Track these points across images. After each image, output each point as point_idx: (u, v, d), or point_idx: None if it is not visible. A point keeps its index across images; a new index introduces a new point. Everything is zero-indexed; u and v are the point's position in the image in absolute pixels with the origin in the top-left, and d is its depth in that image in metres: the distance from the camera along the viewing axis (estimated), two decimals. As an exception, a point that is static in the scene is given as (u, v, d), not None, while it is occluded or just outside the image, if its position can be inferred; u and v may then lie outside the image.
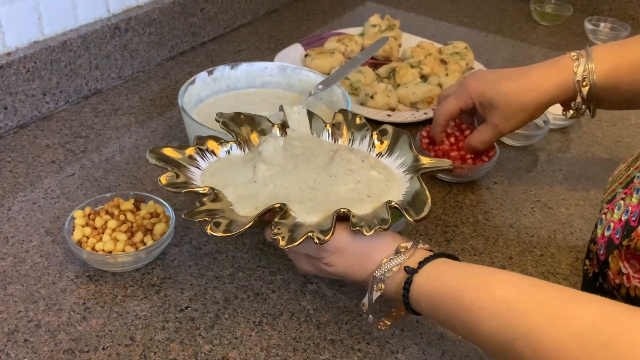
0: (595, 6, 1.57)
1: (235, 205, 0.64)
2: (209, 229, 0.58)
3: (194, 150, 0.70)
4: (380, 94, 1.05)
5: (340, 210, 0.61)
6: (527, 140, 1.01)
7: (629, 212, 0.61)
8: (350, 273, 0.63)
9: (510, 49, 1.35)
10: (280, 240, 0.58)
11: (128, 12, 1.09)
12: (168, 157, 0.68)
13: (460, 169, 0.88)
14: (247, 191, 0.66)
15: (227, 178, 0.67)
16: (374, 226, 0.59)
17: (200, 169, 0.69)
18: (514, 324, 0.51)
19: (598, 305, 0.50)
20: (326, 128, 0.77)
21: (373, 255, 0.62)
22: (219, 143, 0.72)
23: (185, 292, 0.70)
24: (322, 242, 0.58)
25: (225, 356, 0.64)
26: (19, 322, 0.66)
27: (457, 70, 1.13)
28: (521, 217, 0.86)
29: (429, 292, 0.58)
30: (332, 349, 0.65)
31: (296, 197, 0.65)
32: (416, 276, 0.59)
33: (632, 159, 0.69)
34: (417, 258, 0.60)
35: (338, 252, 0.62)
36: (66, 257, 0.74)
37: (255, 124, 0.75)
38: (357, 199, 0.65)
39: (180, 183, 0.64)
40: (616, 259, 0.61)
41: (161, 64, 1.17)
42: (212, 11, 1.26)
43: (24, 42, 0.95)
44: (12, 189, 0.84)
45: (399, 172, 0.71)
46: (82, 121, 0.99)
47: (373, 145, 0.75)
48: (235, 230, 0.58)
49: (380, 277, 0.61)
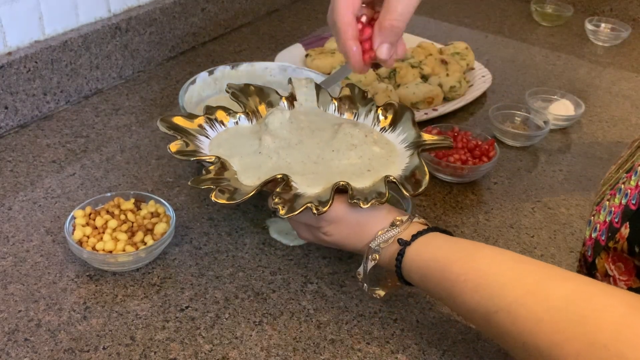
0: (595, 7, 1.57)
1: (239, 174, 0.65)
2: (214, 196, 0.60)
3: (203, 119, 0.72)
4: (381, 94, 1.05)
5: (340, 183, 0.63)
6: (528, 140, 1.01)
7: (612, 213, 0.62)
8: (347, 242, 0.65)
9: (511, 49, 1.35)
10: (280, 209, 0.60)
11: (129, 11, 1.09)
12: (178, 126, 0.69)
13: (461, 170, 0.88)
14: (252, 162, 0.67)
15: (234, 148, 0.69)
16: (371, 199, 0.61)
17: (209, 138, 0.71)
18: (496, 297, 0.53)
19: (574, 282, 0.51)
20: (333, 102, 0.78)
21: (369, 226, 0.64)
22: (227, 113, 0.74)
23: (186, 292, 0.70)
24: (320, 213, 0.60)
25: (225, 356, 0.64)
26: (19, 322, 0.66)
27: (457, 71, 1.13)
28: (521, 218, 0.86)
29: (420, 264, 0.60)
30: (333, 349, 0.65)
31: (299, 170, 0.66)
32: (408, 248, 0.61)
33: (621, 161, 0.69)
34: (411, 231, 0.62)
35: (336, 222, 0.64)
36: (66, 257, 0.74)
37: (264, 96, 0.77)
38: (358, 173, 0.67)
39: (189, 151, 0.66)
40: (602, 260, 0.61)
41: (162, 64, 1.17)
42: (212, 11, 1.26)
43: (25, 41, 0.95)
44: (13, 188, 0.84)
45: (400, 148, 0.72)
46: (82, 121, 0.99)
47: (377, 119, 0.76)
48: (239, 198, 0.60)
49: (375, 248, 0.63)
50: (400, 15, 0.67)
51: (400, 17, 0.67)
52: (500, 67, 1.26)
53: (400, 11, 0.66)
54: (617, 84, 1.23)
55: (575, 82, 1.23)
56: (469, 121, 1.08)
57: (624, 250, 0.58)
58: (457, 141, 0.92)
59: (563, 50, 1.36)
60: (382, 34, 0.67)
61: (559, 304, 0.49)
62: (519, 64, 1.29)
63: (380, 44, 0.68)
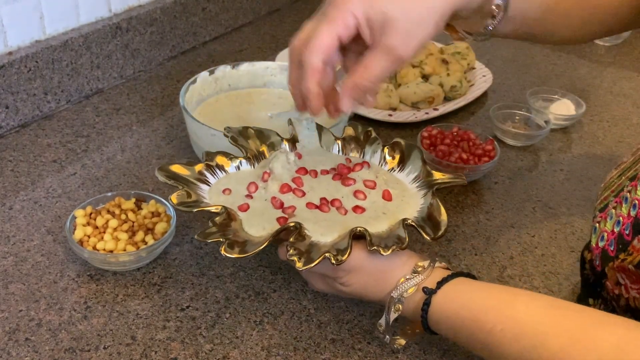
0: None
1: (244, 223, 0.62)
2: (223, 250, 0.57)
3: (203, 166, 0.69)
4: (382, 93, 1.05)
5: (357, 229, 0.59)
6: (528, 140, 1.01)
7: (621, 223, 0.60)
8: (367, 293, 0.61)
9: (512, 49, 1.35)
10: (297, 262, 0.56)
11: (129, 11, 1.09)
12: (177, 175, 0.67)
13: (462, 169, 0.88)
14: (257, 209, 0.65)
15: (237, 195, 0.66)
16: (391, 245, 0.58)
17: (209, 185, 0.68)
18: (538, 347, 0.50)
19: (623, 328, 0.49)
20: (336, 142, 0.75)
21: (390, 274, 0.60)
22: (228, 158, 0.71)
23: (186, 292, 0.70)
24: (339, 263, 0.56)
25: (226, 355, 0.64)
26: (20, 321, 0.66)
27: (458, 70, 1.13)
28: (522, 217, 0.86)
29: (448, 314, 0.57)
30: (333, 349, 0.65)
31: (310, 217, 0.63)
32: (434, 297, 0.58)
33: (624, 167, 0.68)
34: (435, 278, 0.59)
35: (354, 271, 0.60)
36: (67, 256, 0.74)
37: (264, 138, 0.74)
38: (374, 217, 0.64)
39: (191, 202, 0.63)
40: (612, 270, 0.60)
41: (162, 64, 1.17)
42: (213, 11, 1.26)
43: (26, 41, 0.95)
44: (14, 188, 0.84)
45: (412, 187, 0.70)
46: (83, 120, 0.99)
47: (384, 159, 0.74)
48: (251, 250, 0.57)
49: (397, 298, 0.59)
50: (374, 78, 0.58)
51: (374, 80, 0.59)
52: (501, 67, 1.26)
53: (377, 74, 0.58)
54: (618, 84, 1.23)
55: (576, 82, 1.23)
56: (469, 121, 1.07)
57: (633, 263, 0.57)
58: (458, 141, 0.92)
59: (564, 50, 1.36)
60: (349, 90, 0.59)
61: (610, 353, 0.47)
62: (520, 63, 1.29)
63: (344, 98, 0.60)
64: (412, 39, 0.57)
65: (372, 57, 0.58)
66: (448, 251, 0.79)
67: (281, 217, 0.63)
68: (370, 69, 0.58)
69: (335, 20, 0.56)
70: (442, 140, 0.93)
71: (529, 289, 0.74)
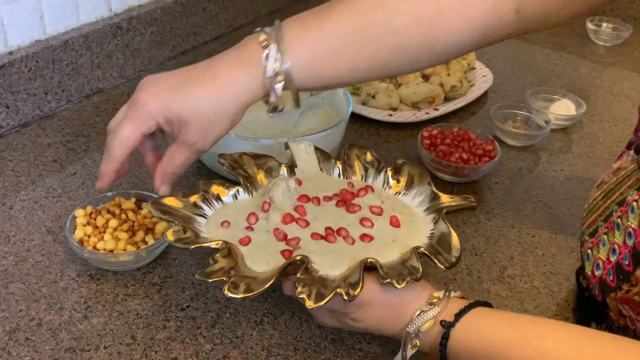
0: (597, 6, 1.57)
1: (246, 257, 0.59)
2: (227, 290, 0.53)
3: (198, 197, 0.66)
4: (382, 93, 1.05)
5: (367, 260, 0.57)
6: (529, 140, 1.01)
7: (617, 252, 0.59)
8: (381, 328, 0.59)
9: (512, 49, 1.35)
10: (307, 300, 0.53)
11: (130, 11, 1.09)
12: (172, 209, 0.64)
13: (462, 169, 0.88)
14: (259, 242, 0.61)
15: (237, 227, 0.63)
16: (405, 277, 0.55)
17: (206, 217, 0.65)
18: None
19: None
20: (337, 165, 0.72)
21: (404, 307, 0.57)
22: (224, 187, 0.68)
23: (187, 291, 0.70)
24: (352, 299, 0.53)
25: (226, 355, 0.64)
26: (20, 321, 0.66)
27: (458, 70, 1.13)
28: (522, 217, 0.86)
29: (469, 348, 0.54)
30: (333, 349, 0.65)
31: (316, 248, 0.60)
32: (453, 330, 0.55)
33: (606, 188, 0.67)
34: (452, 309, 0.56)
35: (366, 306, 0.57)
36: (67, 256, 0.74)
37: (261, 163, 0.70)
38: (383, 245, 0.61)
39: (188, 238, 0.60)
40: (615, 301, 0.59)
41: (163, 63, 1.17)
42: (213, 10, 1.26)
43: (26, 41, 0.95)
44: (14, 187, 0.84)
45: (419, 211, 0.67)
46: (83, 120, 0.99)
47: (388, 182, 0.71)
48: (257, 289, 0.54)
49: (414, 333, 0.56)
50: (179, 166, 0.66)
51: (179, 168, 0.66)
52: (502, 67, 1.26)
53: (181, 163, 0.65)
54: (618, 84, 1.23)
55: (576, 82, 1.23)
56: (470, 121, 1.07)
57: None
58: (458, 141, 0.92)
59: (564, 50, 1.36)
60: (159, 176, 0.67)
61: None
62: (520, 63, 1.29)
63: (156, 182, 0.67)
64: (209, 135, 0.64)
65: (175, 149, 0.65)
66: (448, 251, 0.79)
67: (286, 250, 0.60)
68: (174, 160, 0.65)
69: (136, 120, 0.63)
70: (442, 141, 0.93)
71: (530, 289, 0.74)
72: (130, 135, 0.64)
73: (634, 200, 0.59)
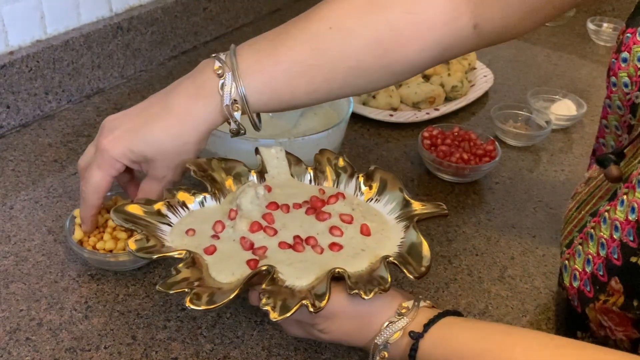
0: (597, 6, 1.57)
1: (211, 267, 0.57)
2: (189, 301, 0.51)
3: (162, 205, 0.64)
4: (382, 93, 1.05)
5: (335, 270, 0.55)
6: (529, 140, 1.01)
7: (591, 262, 0.59)
8: (349, 339, 0.58)
9: (513, 49, 1.35)
10: (271, 312, 0.51)
11: (130, 11, 1.09)
12: (135, 216, 0.61)
13: (463, 169, 0.88)
14: (225, 251, 0.59)
15: (202, 235, 0.61)
16: (372, 288, 0.54)
17: (171, 225, 0.63)
18: None
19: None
20: (308, 171, 0.70)
21: (373, 318, 0.56)
22: (190, 194, 0.65)
23: (187, 291, 0.70)
24: (317, 310, 0.52)
25: (226, 355, 0.64)
26: (20, 321, 0.66)
27: (459, 70, 1.13)
28: (523, 218, 0.86)
29: (439, 359, 0.54)
30: (334, 348, 0.65)
31: (283, 257, 0.58)
32: (422, 341, 0.54)
33: (580, 199, 0.67)
34: (421, 319, 0.55)
35: (334, 317, 0.56)
36: (68, 256, 0.74)
37: (229, 169, 0.68)
38: (352, 255, 0.59)
39: (151, 247, 0.57)
40: (593, 311, 0.59)
41: (163, 63, 1.17)
42: (214, 10, 1.26)
43: (27, 41, 0.95)
44: (15, 187, 0.84)
45: (391, 219, 0.65)
46: (84, 120, 0.99)
47: (360, 189, 0.68)
48: (220, 301, 0.52)
49: (382, 344, 0.56)
50: (158, 196, 0.67)
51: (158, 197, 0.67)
52: (502, 67, 1.26)
53: (157, 195, 0.67)
54: (619, 84, 1.23)
55: (577, 82, 1.23)
56: (470, 121, 1.07)
57: (617, 305, 0.56)
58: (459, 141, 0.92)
59: (565, 50, 1.36)
60: None
61: None
62: (521, 63, 1.29)
63: None
64: (177, 167, 0.66)
65: (148, 184, 0.68)
66: (449, 251, 0.79)
67: (252, 260, 0.58)
68: (149, 194, 0.67)
69: (103, 165, 0.65)
70: (443, 141, 0.93)
71: (530, 289, 0.74)
72: (101, 180, 0.66)
73: (605, 211, 0.59)
